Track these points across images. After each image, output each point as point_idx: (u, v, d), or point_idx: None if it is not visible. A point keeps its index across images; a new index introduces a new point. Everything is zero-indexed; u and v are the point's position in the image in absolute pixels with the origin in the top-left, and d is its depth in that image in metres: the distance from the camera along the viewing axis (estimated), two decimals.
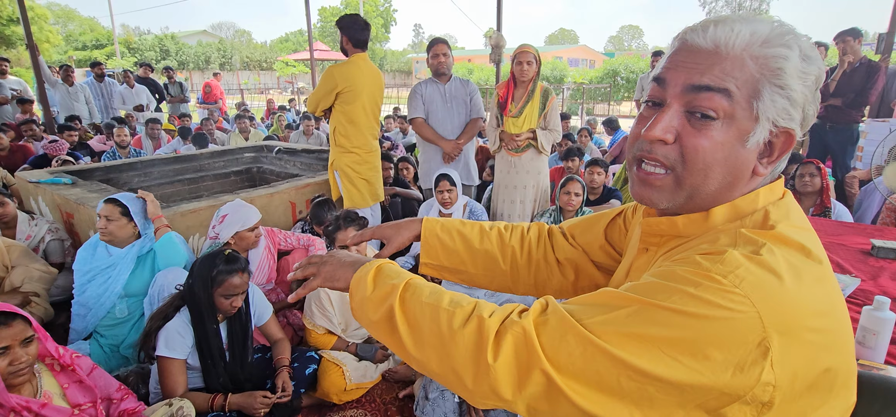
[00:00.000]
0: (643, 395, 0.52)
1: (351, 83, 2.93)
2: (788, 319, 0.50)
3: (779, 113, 0.58)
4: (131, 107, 7.26)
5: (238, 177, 4.82)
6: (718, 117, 0.59)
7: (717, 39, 0.59)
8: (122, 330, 2.20)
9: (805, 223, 0.61)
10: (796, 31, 0.59)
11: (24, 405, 1.38)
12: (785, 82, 0.57)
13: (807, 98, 0.59)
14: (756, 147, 0.60)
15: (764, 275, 0.52)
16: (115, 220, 2.18)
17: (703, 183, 0.61)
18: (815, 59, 0.59)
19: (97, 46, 29.36)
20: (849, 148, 4.33)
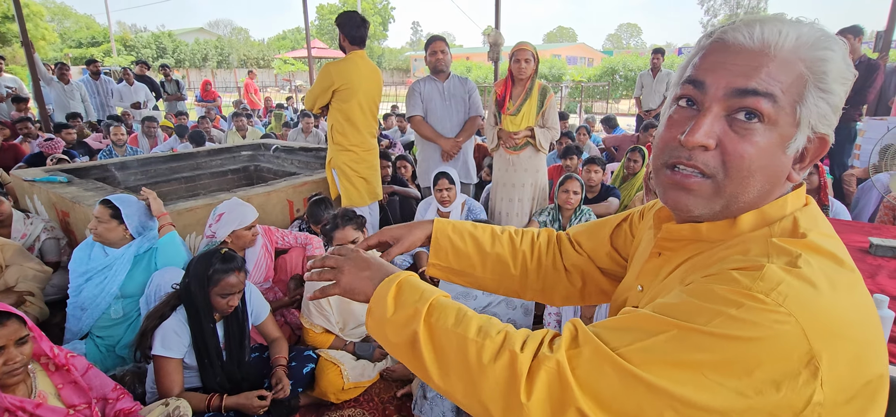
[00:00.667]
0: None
1: (347, 81, 2.91)
2: (834, 332, 0.48)
3: (819, 118, 0.57)
4: (129, 104, 7.23)
5: (235, 176, 4.80)
6: (763, 122, 0.56)
7: (765, 40, 0.56)
8: (118, 330, 2.19)
9: (831, 230, 0.59)
10: (834, 35, 0.57)
11: (18, 405, 1.37)
12: (828, 86, 0.56)
13: (839, 103, 0.57)
14: (795, 153, 0.58)
15: (806, 289, 0.50)
16: (104, 222, 2.15)
17: (743, 191, 0.59)
18: (851, 62, 0.58)
19: (93, 44, 29.23)
20: (846, 146, 4.34)
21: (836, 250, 0.55)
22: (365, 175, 3.13)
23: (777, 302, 0.48)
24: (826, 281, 0.51)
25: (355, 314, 2.32)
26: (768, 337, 0.47)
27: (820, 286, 0.50)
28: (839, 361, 0.48)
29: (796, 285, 0.50)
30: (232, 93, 21.08)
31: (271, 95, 16.63)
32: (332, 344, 2.23)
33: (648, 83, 6.55)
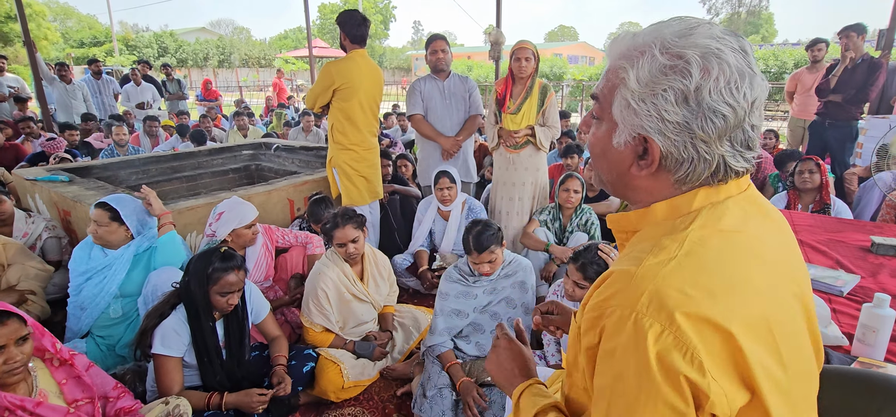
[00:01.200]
0: None
1: (348, 80, 2.91)
2: (696, 320, 0.55)
3: (629, 120, 0.65)
4: (135, 103, 7.26)
5: (236, 175, 4.80)
6: (597, 117, 0.71)
7: (607, 52, 0.70)
8: (118, 329, 2.19)
9: (737, 220, 0.64)
10: (658, 42, 0.62)
11: (18, 404, 1.38)
12: (625, 93, 0.64)
13: (663, 109, 0.61)
14: (626, 147, 0.67)
15: (665, 287, 0.57)
16: (104, 225, 2.15)
17: (598, 169, 0.75)
18: (678, 68, 0.60)
19: (95, 44, 29.27)
20: (848, 144, 4.32)
21: (703, 242, 0.61)
22: (365, 173, 3.13)
23: (651, 317, 0.56)
24: (689, 265, 0.59)
25: (355, 313, 2.33)
26: (643, 368, 0.56)
27: (676, 267, 0.59)
28: (709, 342, 0.55)
29: (651, 286, 0.58)
30: (233, 92, 21.10)
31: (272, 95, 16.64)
32: (332, 343, 2.24)
33: None
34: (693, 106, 0.60)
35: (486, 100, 3.52)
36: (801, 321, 0.66)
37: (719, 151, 0.62)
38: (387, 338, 2.38)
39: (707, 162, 0.63)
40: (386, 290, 2.48)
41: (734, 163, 0.63)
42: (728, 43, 0.61)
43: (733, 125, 0.61)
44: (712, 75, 0.59)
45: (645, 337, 0.55)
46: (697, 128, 0.61)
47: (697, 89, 0.59)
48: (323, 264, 2.28)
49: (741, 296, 0.58)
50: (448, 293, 2.18)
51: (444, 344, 2.10)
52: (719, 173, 0.64)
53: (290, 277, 2.75)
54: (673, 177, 0.65)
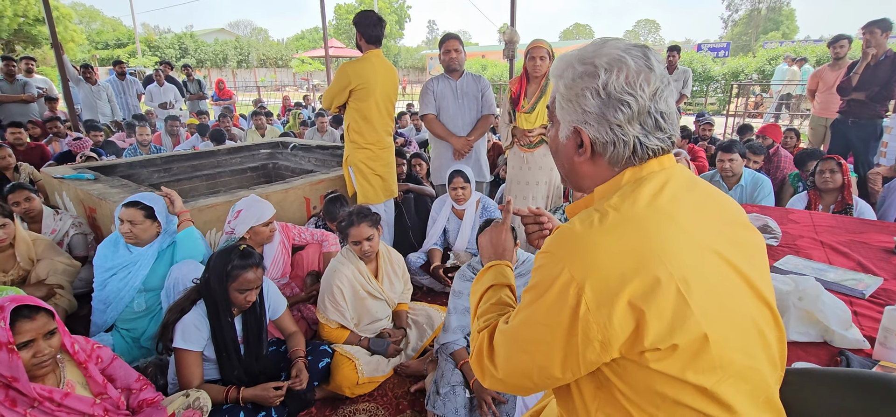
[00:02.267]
0: (532, 359, 0.77)
1: (364, 80, 2.95)
2: (592, 264, 0.70)
3: (566, 117, 0.82)
4: (158, 104, 7.46)
5: (254, 173, 4.89)
6: (551, 121, 0.90)
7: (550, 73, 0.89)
8: (143, 322, 2.26)
9: (654, 186, 0.77)
10: (576, 57, 0.80)
11: (47, 395, 1.43)
12: (559, 97, 0.83)
13: (585, 105, 0.78)
14: (568, 140, 0.84)
15: (574, 237, 0.74)
16: (139, 224, 2.19)
17: (557, 165, 0.91)
18: (588, 72, 0.77)
19: (119, 45, 29.99)
20: (872, 143, 4.21)
21: (632, 202, 0.75)
22: (381, 172, 3.17)
23: (556, 248, 0.75)
24: (597, 224, 0.74)
25: (370, 310, 2.36)
26: (547, 274, 0.74)
27: (587, 230, 0.73)
28: (604, 285, 0.68)
29: (569, 234, 0.75)
30: (252, 92, 21.41)
31: (289, 94, 16.85)
32: (347, 340, 2.27)
33: None
34: (603, 98, 0.77)
35: (500, 99, 3.52)
36: (726, 274, 0.75)
37: (633, 133, 0.77)
38: (401, 335, 2.41)
39: (625, 143, 0.78)
40: (400, 288, 2.51)
41: (648, 142, 0.78)
42: (631, 52, 0.77)
43: (639, 111, 0.76)
44: (613, 74, 0.76)
45: (558, 276, 0.72)
46: (610, 115, 0.77)
47: (605, 85, 0.76)
48: (338, 261, 2.32)
49: (634, 250, 0.70)
50: (462, 291, 2.20)
51: (458, 341, 2.12)
52: (638, 152, 0.78)
53: (307, 274, 2.79)
54: (605, 159, 0.81)
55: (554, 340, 0.73)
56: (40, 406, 1.43)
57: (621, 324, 0.68)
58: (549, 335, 0.73)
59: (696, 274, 0.70)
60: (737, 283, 0.76)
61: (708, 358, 0.69)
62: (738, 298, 0.75)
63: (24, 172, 4.06)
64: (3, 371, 1.36)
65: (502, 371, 0.83)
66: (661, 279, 0.67)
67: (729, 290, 0.74)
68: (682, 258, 0.69)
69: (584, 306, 0.69)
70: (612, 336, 0.68)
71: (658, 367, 0.69)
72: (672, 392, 0.70)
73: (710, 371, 0.69)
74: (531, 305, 0.76)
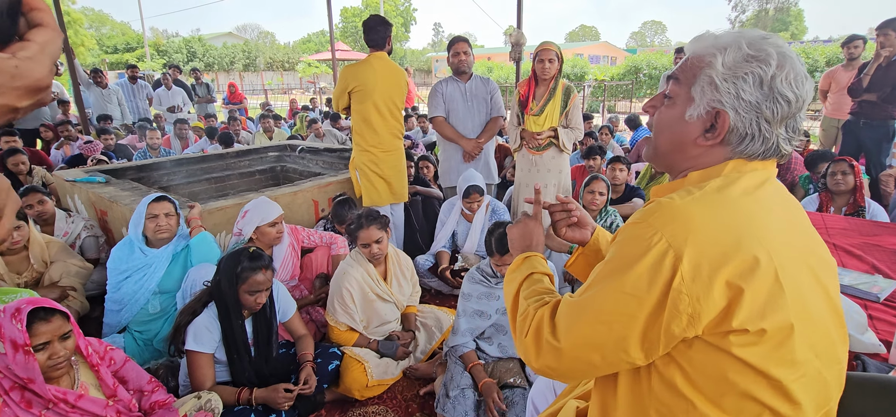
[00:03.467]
0: (610, 331, 0.73)
1: (361, 82, 2.97)
2: (693, 237, 0.68)
3: (708, 96, 0.77)
4: (166, 107, 7.53)
5: (263, 176, 4.91)
6: (670, 96, 0.83)
7: (688, 49, 0.82)
8: (156, 325, 2.28)
9: (755, 181, 0.76)
10: (744, 39, 0.75)
11: (61, 397, 1.44)
12: (711, 73, 0.76)
13: (742, 89, 0.74)
14: (697, 120, 0.79)
15: (675, 208, 0.72)
16: (172, 216, 2.33)
17: (659, 141, 0.86)
18: (760, 58, 0.73)
19: (128, 49, 30.28)
20: (884, 145, 4.16)
21: (736, 188, 0.74)
22: (385, 175, 3.16)
23: (653, 219, 0.72)
24: (699, 199, 0.73)
25: (379, 313, 2.36)
26: (641, 243, 0.71)
27: (690, 204, 0.72)
28: (702, 258, 0.67)
29: (669, 205, 0.73)
30: (259, 95, 21.54)
31: (296, 97, 16.94)
32: (356, 342, 2.27)
33: None
34: (766, 90, 0.73)
35: (507, 102, 3.52)
36: (811, 280, 0.74)
37: (777, 132, 0.75)
38: (410, 338, 2.41)
39: (766, 140, 0.76)
40: (409, 290, 2.51)
41: (785, 146, 0.77)
42: (794, 52, 0.75)
43: (792, 113, 0.74)
44: (785, 69, 0.73)
45: (652, 245, 0.70)
46: (766, 108, 0.74)
47: (773, 78, 0.73)
48: (347, 264, 2.32)
49: (736, 228, 0.69)
50: (471, 294, 2.20)
51: (467, 344, 2.12)
52: (769, 152, 0.77)
53: (315, 277, 2.80)
54: (731, 150, 0.78)
55: (640, 311, 0.70)
56: (55, 408, 1.44)
57: (715, 300, 0.67)
58: (634, 306, 0.70)
59: (789, 266, 0.69)
60: (819, 292, 0.75)
61: (790, 351, 0.68)
62: (820, 305, 0.74)
63: (37, 176, 4.11)
64: (20, 373, 1.38)
65: (567, 344, 0.78)
66: (760, 260, 0.67)
67: (813, 295, 0.73)
68: (778, 247, 0.69)
69: (679, 277, 0.67)
70: (703, 310, 0.67)
71: (740, 353, 0.68)
72: (744, 383, 0.69)
73: (790, 366, 0.69)
74: (615, 275, 0.73)
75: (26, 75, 0.41)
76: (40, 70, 0.42)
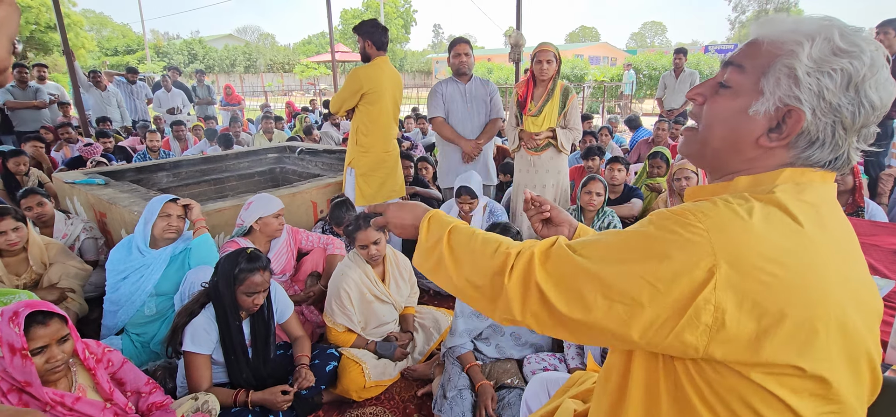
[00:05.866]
0: (611, 308, 0.64)
1: (376, 84, 3.01)
2: (741, 252, 0.59)
3: (783, 90, 0.66)
4: (166, 109, 7.54)
5: (262, 178, 4.92)
6: (729, 86, 0.71)
7: (756, 31, 0.70)
8: (153, 327, 2.28)
9: (816, 199, 0.66)
10: (837, 28, 0.64)
11: (59, 399, 1.45)
12: (792, 63, 0.65)
13: (826, 87, 0.64)
14: (763, 116, 0.68)
15: (729, 216, 0.62)
16: (182, 218, 2.37)
17: (710, 135, 0.74)
18: (853, 54, 0.63)
19: (129, 51, 30.32)
20: (883, 144, 4.16)
21: (795, 208, 0.63)
22: (382, 176, 3.22)
23: (697, 219, 0.62)
24: (759, 216, 0.62)
25: (377, 314, 2.36)
26: (676, 239, 0.62)
27: (746, 216, 0.62)
28: (743, 279, 0.59)
29: (723, 212, 0.63)
30: (259, 97, 21.58)
31: (294, 99, 16.96)
32: (353, 343, 2.28)
33: (671, 84, 6.40)
34: (852, 93, 0.64)
35: (506, 103, 3.53)
36: (860, 332, 0.65)
37: (848, 140, 0.67)
38: (408, 339, 2.41)
39: (836, 147, 0.67)
40: (407, 291, 2.51)
41: (854, 156, 0.68)
42: (882, 51, 0.65)
43: (872, 120, 0.66)
44: (877, 71, 0.64)
45: (692, 244, 0.61)
46: (847, 113, 0.64)
47: (863, 78, 0.63)
48: (345, 265, 2.33)
49: (800, 285, 0.60)
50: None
51: (465, 345, 2.12)
52: (838, 162, 0.68)
53: (308, 275, 2.81)
54: (795, 155, 0.68)
55: (653, 303, 0.62)
56: (52, 410, 1.44)
57: (743, 324, 0.59)
58: (649, 294, 0.62)
59: (838, 316, 0.62)
60: (862, 343, 0.67)
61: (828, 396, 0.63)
62: (861, 358, 0.67)
63: (33, 177, 4.11)
64: (17, 376, 1.38)
65: (556, 280, 0.69)
66: (819, 332, 0.60)
67: (855, 348, 0.66)
68: (832, 299, 0.62)
69: (710, 286, 0.59)
70: (727, 324, 0.59)
71: (766, 384, 0.61)
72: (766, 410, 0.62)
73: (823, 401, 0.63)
74: (639, 260, 0.64)
75: None
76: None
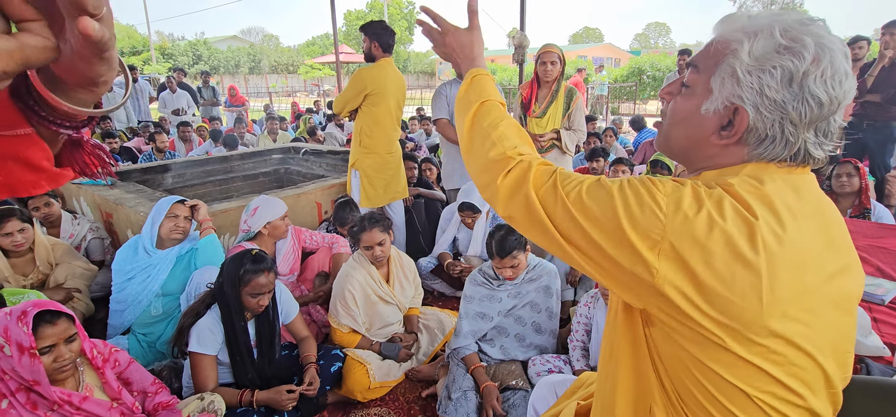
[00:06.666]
0: (579, 244, 0.69)
1: (380, 86, 3.01)
2: (689, 235, 0.62)
3: (728, 89, 0.68)
4: (171, 110, 7.58)
5: (266, 178, 4.94)
6: (688, 85, 0.75)
7: (714, 30, 0.72)
8: (159, 327, 2.29)
9: (776, 192, 0.66)
10: (779, 24, 0.65)
11: (67, 399, 1.46)
12: (734, 62, 0.67)
13: (767, 84, 0.65)
14: (713, 115, 0.71)
15: (688, 197, 0.65)
16: (189, 219, 2.40)
17: (673, 134, 0.78)
18: (794, 50, 0.63)
19: (134, 53, 30.50)
20: (888, 146, 4.13)
21: (751, 198, 0.65)
22: (386, 178, 3.22)
23: (663, 193, 0.66)
24: (710, 206, 0.64)
25: (381, 314, 2.36)
26: (641, 197, 0.65)
27: (694, 206, 0.64)
28: (686, 254, 0.62)
29: (684, 191, 0.65)
30: (263, 98, 21.65)
31: (299, 100, 17.01)
32: (358, 344, 2.28)
33: None
34: (795, 89, 0.64)
35: (510, 104, 3.53)
36: (834, 300, 0.68)
37: (803, 136, 0.67)
38: (412, 340, 2.41)
39: (789, 143, 0.67)
40: (411, 292, 2.51)
41: (815, 150, 0.68)
42: (837, 43, 0.64)
43: (823, 115, 0.66)
44: (821, 65, 0.63)
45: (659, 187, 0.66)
46: (792, 108, 0.65)
47: (805, 74, 0.63)
48: (350, 266, 2.33)
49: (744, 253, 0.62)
50: (473, 296, 2.20)
51: (469, 346, 2.12)
52: (799, 157, 0.68)
53: (315, 275, 2.82)
54: (749, 151, 0.70)
55: (619, 231, 0.66)
56: (60, 410, 1.45)
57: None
58: (619, 224, 0.65)
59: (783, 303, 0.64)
60: (840, 318, 0.70)
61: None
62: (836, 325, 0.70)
63: None
64: (25, 375, 1.39)
65: (542, 199, 0.74)
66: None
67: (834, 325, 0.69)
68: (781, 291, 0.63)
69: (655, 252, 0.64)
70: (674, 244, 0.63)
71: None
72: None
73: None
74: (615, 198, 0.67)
75: None
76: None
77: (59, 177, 0.50)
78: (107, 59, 0.40)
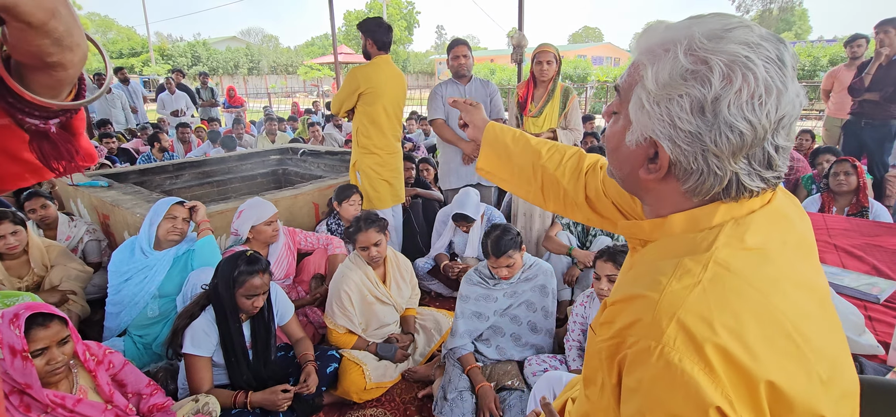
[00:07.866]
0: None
1: (372, 84, 2.99)
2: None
3: (642, 120, 0.61)
4: (170, 111, 7.59)
5: (265, 179, 4.94)
6: (616, 112, 0.68)
7: (636, 43, 0.65)
8: (155, 329, 2.29)
9: (761, 240, 0.59)
10: (683, 44, 0.57)
11: (60, 401, 1.45)
12: (641, 92, 0.60)
13: (676, 115, 0.57)
14: (637, 147, 0.63)
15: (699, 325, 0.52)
16: (187, 220, 2.40)
17: (612, 163, 0.71)
18: (699, 74, 0.55)
19: (133, 54, 30.52)
20: (886, 144, 4.13)
21: (741, 266, 0.55)
22: (388, 178, 3.19)
23: (661, 330, 0.53)
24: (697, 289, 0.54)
25: (378, 315, 2.36)
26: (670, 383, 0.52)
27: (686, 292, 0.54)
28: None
29: (667, 304, 0.55)
30: (263, 98, 21.66)
31: (299, 100, 17.01)
32: (354, 345, 2.28)
33: None
34: (708, 117, 0.55)
35: (508, 103, 3.52)
36: (832, 330, 0.61)
37: (732, 168, 0.57)
38: (408, 340, 2.41)
39: (718, 177, 0.58)
40: (408, 293, 2.51)
41: (749, 181, 0.58)
42: (763, 51, 0.54)
43: (751, 143, 0.56)
44: (734, 87, 0.54)
45: (674, 371, 0.51)
46: (710, 141, 0.56)
47: (716, 100, 0.54)
48: (346, 267, 2.33)
49: (771, 332, 0.52)
50: (469, 296, 2.20)
51: (465, 346, 2.12)
52: (732, 190, 0.59)
53: (312, 277, 2.82)
54: (682, 186, 0.62)
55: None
56: (53, 412, 1.45)
57: None
58: None
59: (816, 348, 0.55)
60: (836, 341, 0.61)
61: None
62: (841, 359, 0.61)
63: None
64: (18, 378, 1.39)
65: None
66: (799, 373, 0.53)
67: (834, 349, 0.60)
68: (810, 334, 0.55)
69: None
70: None
71: None
72: None
73: None
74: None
75: None
76: None
77: (41, 171, 0.49)
78: (45, 33, 0.39)
